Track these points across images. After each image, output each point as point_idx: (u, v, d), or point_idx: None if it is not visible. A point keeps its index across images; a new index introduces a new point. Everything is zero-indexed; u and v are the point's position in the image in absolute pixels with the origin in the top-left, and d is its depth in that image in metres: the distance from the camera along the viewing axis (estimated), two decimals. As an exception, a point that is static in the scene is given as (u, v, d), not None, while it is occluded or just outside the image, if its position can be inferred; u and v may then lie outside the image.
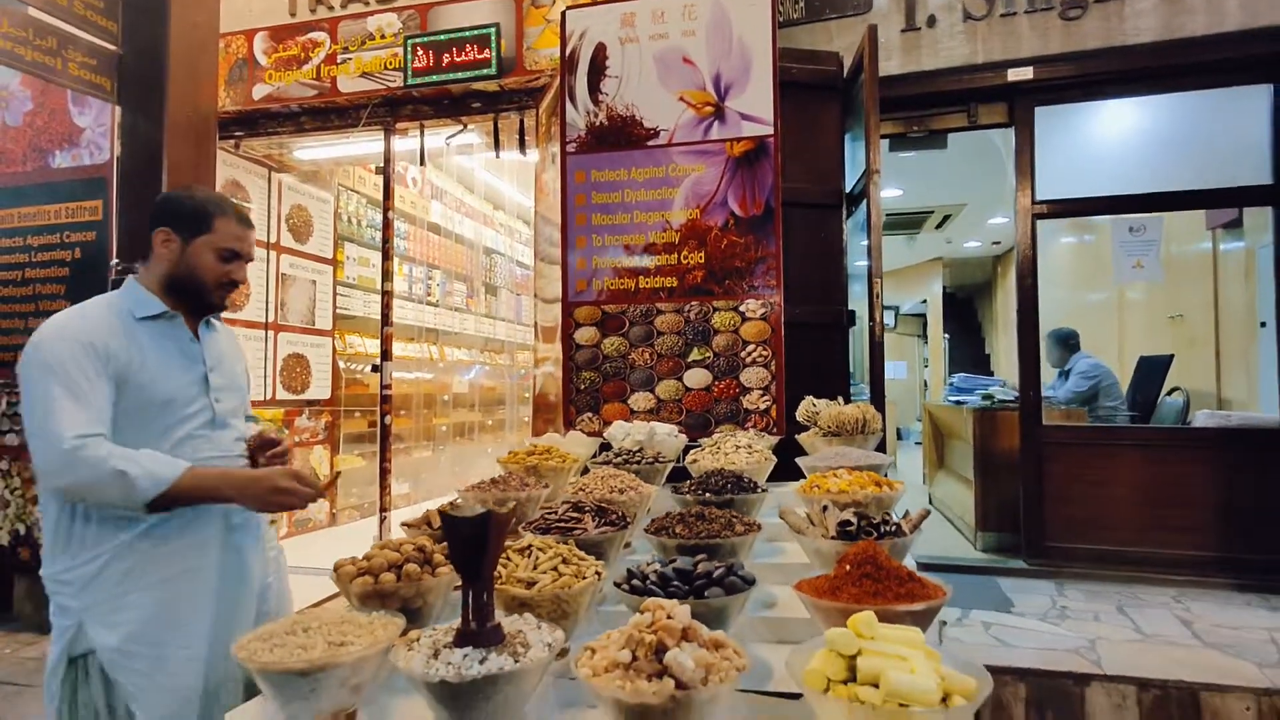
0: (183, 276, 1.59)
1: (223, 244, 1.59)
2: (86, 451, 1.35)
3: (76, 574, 1.47)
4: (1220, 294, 4.89)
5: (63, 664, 1.47)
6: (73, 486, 1.38)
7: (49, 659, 1.50)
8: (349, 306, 5.73)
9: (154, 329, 1.56)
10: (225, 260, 1.61)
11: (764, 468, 2.08)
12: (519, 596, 1.31)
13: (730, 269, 2.70)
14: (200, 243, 1.58)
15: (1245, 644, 2.71)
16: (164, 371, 1.55)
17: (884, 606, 1.17)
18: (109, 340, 1.48)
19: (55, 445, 1.35)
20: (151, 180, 2.85)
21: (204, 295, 1.61)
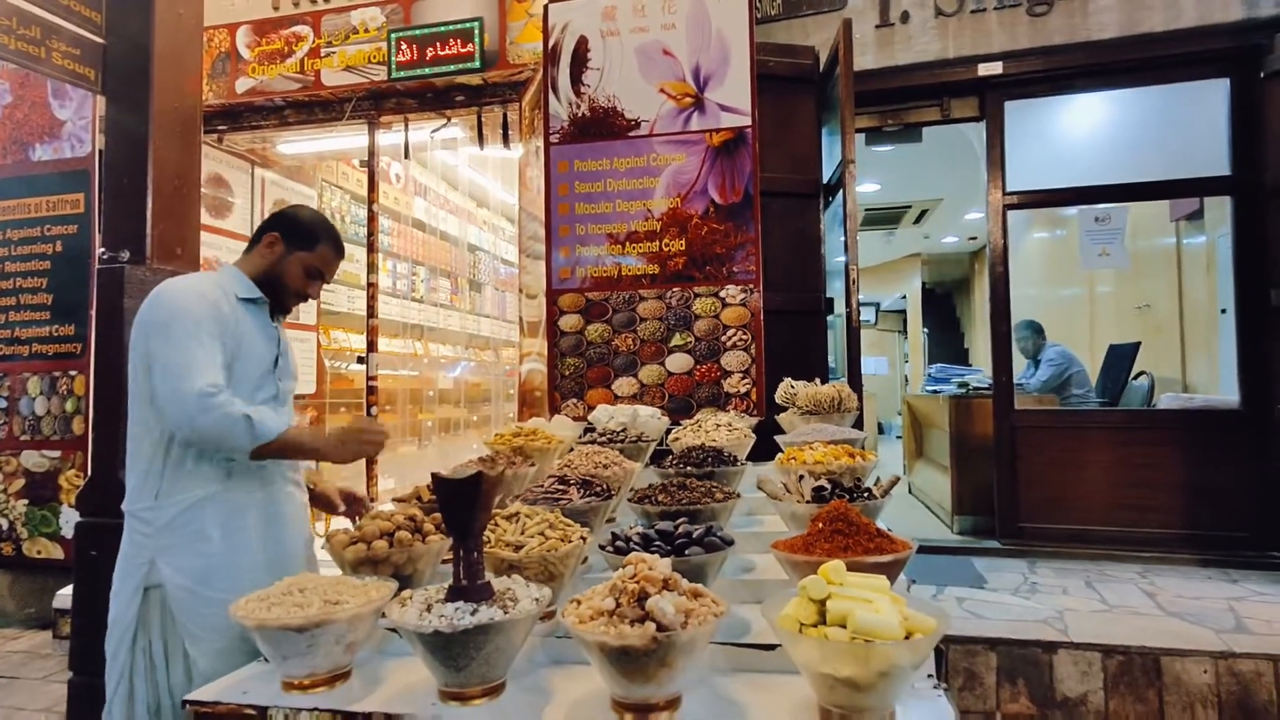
0: (274, 277, 1.81)
1: (314, 263, 1.83)
2: (218, 398, 1.55)
3: (159, 515, 1.64)
4: (1184, 284, 5.05)
5: (138, 596, 1.62)
6: (202, 429, 1.54)
7: (117, 595, 1.66)
8: (333, 302, 5.73)
9: (250, 309, 1.78)
10: (310, 277, 1.84)
11: (744, 444, 2.15)
12: (507, 559, 1.37)
13: (711, 255, 2.78)
14: (298, 255, 1.81)
15: (1205, 613, 2.83)
16: (253, 346, 1.75)
17: (854, 559, 1.25)
18: (224, 308, 1.70)
19: (189, 393, 1.54)
20: (136, 172, 2.86)
21: (282, 298, 1.84)
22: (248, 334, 1.74)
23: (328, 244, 1.85)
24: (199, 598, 1.62)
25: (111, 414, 2.66)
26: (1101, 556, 3.62)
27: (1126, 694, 2.48)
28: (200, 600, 1.62)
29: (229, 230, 4.71)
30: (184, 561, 1.63)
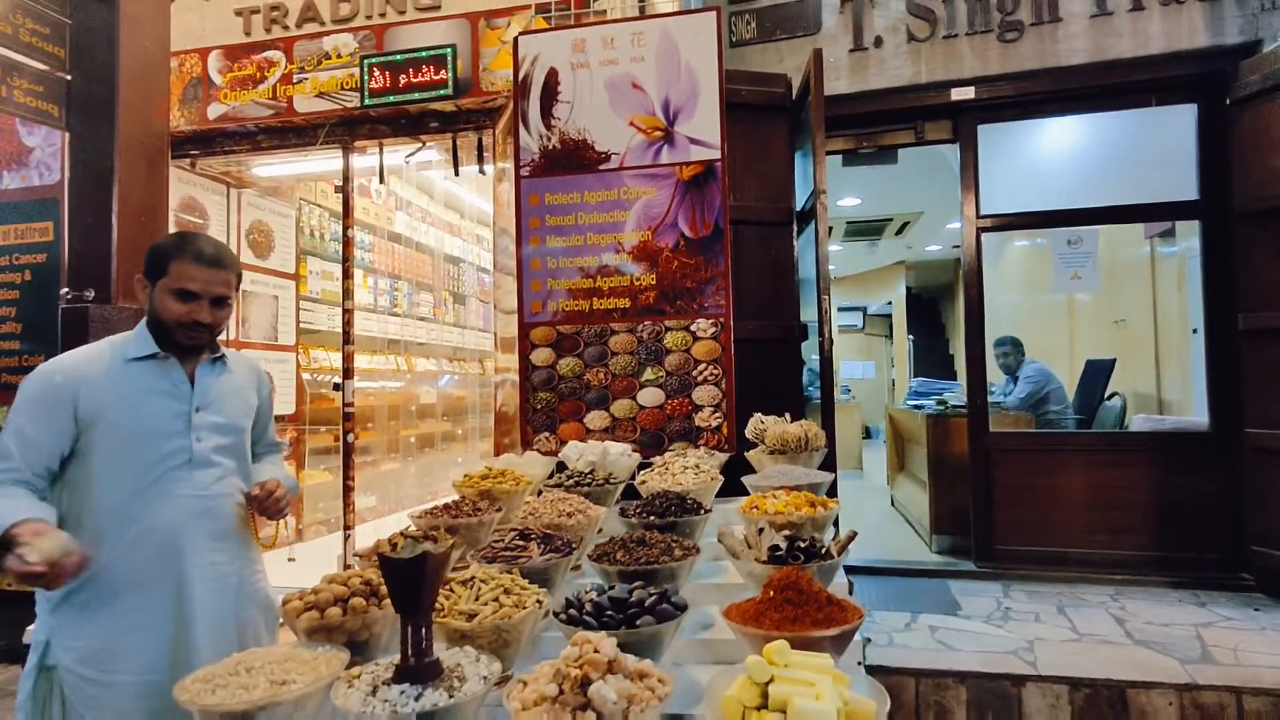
0: (154, 319, 1.68)
1: (176, 285, 1.64)
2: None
3: (48, 596, 1.58)
4: (1158, 299, 5.11)
5: (34, 673, 1.57)
6: None
7: (25, 675, 1.60)
8: (313, 320, 5.70)
9: (144, 369, 1.67)
10: (183, 299, 1.64)
11: (710, 488, 2.15)
12: (460, 629, 1.36)
13: (681, 289, 2.78)
14: (160, 285, 1.65)
15: (1172, 641, 2.86)
16: (141, 409, 1.64)
17: (801, 633, 1.25)
18: (82, 381, 1.60)
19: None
20: (103, 202, 2.83)
21: (170, 335, 1.67)
22: (132, 398, 1.63)
23: (180, 259, 1.63)
24: (87, 680, 1.54)
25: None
26: (1076, 579, 3.65)
27: (1093, 727, 2.51)
28: (89, 683, 1.54)
29: (204, 253, 4.66)
30: (73, 641, 1.55)
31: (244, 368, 1.89)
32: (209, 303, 1.67)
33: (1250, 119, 3.43)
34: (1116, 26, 3.55)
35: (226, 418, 1.77)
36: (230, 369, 1.83)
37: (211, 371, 1.77)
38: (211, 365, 1.78)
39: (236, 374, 1.84)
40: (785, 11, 3.82)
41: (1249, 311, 3.48)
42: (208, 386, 1.75)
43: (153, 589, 1.62)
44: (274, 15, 3.92)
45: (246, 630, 1.79)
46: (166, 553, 1.63)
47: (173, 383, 1.69)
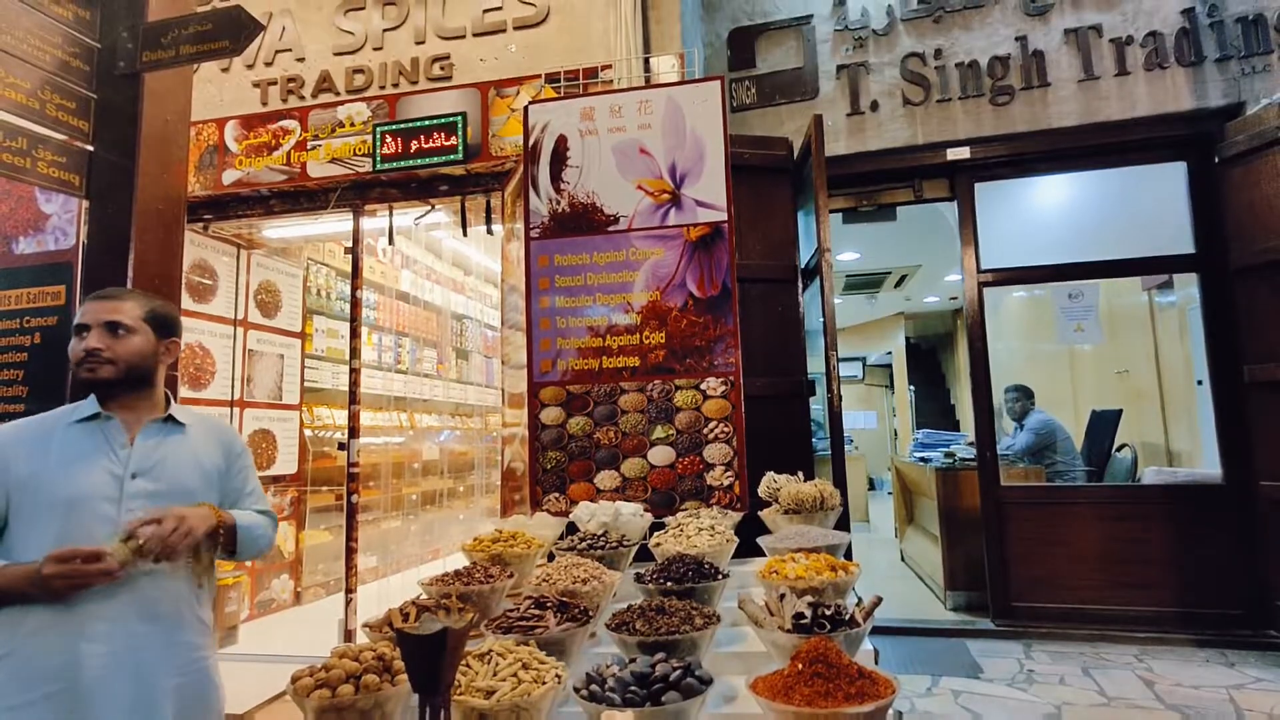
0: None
1: (74, 323, 1.63)
2: None
3: None
4: (1160, 350, 5.14)
5: None
6: None
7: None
8: (317, 379, 5.70)
9: (83, 431, 1.58)
10: (78, 335, 1.60)
11: (726, 550, 2.12)
12: (478, 708, 1.32)
13: (690, 348, 2.79)
14: None
15: (1205, 705, 2.77)
16: (70, 474, 1.53)
17: (834, 710, 1.21)
18: (21, 443, 1.55)
19: None
20: (118, 267, 2.87)
21: (85, 384, 1.60)
22: (61, 462, 1.54)
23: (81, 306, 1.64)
24: None
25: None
26: (1097, 637, 3.55)
27: (1130, 800, 2.40)
28: None
29: (211, 314, 4.71)
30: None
31: (205, 430, 1.73)
32: (101, 328, 1.58)
33: (1239, 176, 3.53)
34: (1103, 90, 3.69)
35: (170, 484, 1.60)
36: (186, 432, 1.67)
37: (157, 433, 1.62)
38: (159, 426, 1.63)
39: (193, 437, 1.68)
40: (784, 78, 3.97)
41: (1255, 364, 3.50)
42: (150, 450, 1.60)
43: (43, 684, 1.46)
44: (290, 86, 4.06)
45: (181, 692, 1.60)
46: (66, 633, 1.48)
47: (110, 445, 1.57)
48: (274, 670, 3.52)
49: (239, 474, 1.77)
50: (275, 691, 3.31)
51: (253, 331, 5.01)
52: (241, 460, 1.79)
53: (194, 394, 4.50)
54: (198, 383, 4.56)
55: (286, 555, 5.28)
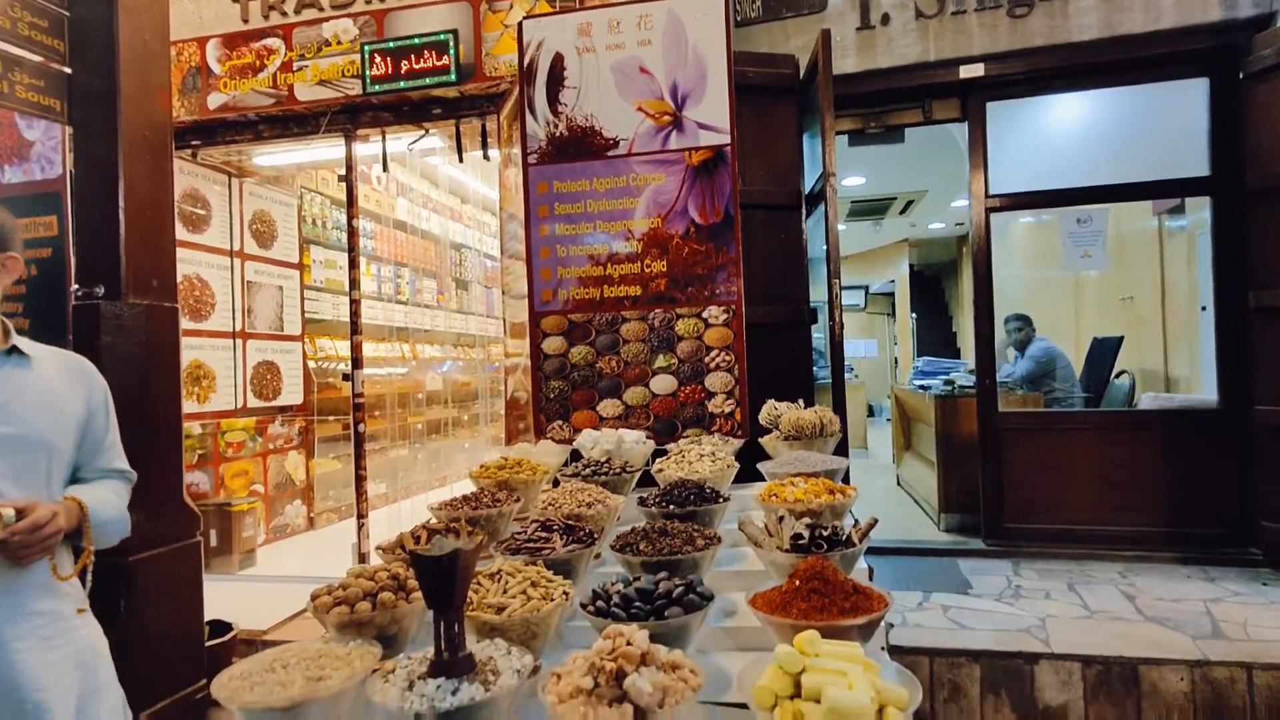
0: None
1: None
2: None
3: None
4: (1166, 275, 5.09)
5: None
6: None
7: None
8: (318, 310, 5.69)
9: None
10: None
11: (727, 475, 2.17)
12: (490, 622, 1.38)
13: (692, 276, 2.77)
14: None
15: (1183, 617, 2.90)
16: None
17: (829, 622, 1.27)
18: None
19: None
20: (107, 204, 2.82)
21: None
22: None
23: None
24: None
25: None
26: (1084, 556, 3.68)
27: (1105, 702, 2.54)
28: None
29: (206, 244, 4.65)
30: None
31: (61, 367, 1.51)
32: None
33: (1264, 93, 3.39)
34: (1127, 2, 3.50)
35: (18, 429, 1.38)
36: (34, 368, 1.45)
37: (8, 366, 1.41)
38: (8, 358, 1.41)
39: (46, 376, 1.46)
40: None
41: (1260, 289, 3.47)
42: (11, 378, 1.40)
43: None
44: (272, 2, 3.86)
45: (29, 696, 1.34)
46: None
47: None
48: (293, 590, 3.68)
49: (102, 422, 1.55)
50: (295, 610, 3.47)
51: (250, 262, 4.96)
52: (105, 405, 1.57)
53: (195, 325, 4.50)
54: (198, 315, 4.56)
55: (298, 483, 5.42)
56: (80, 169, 2.82)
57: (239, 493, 4.82)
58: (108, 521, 1.49)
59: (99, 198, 2.77)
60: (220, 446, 4.79)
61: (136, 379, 2.75)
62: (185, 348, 3.68)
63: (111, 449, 1.57)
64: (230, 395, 4.74)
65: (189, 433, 4.45)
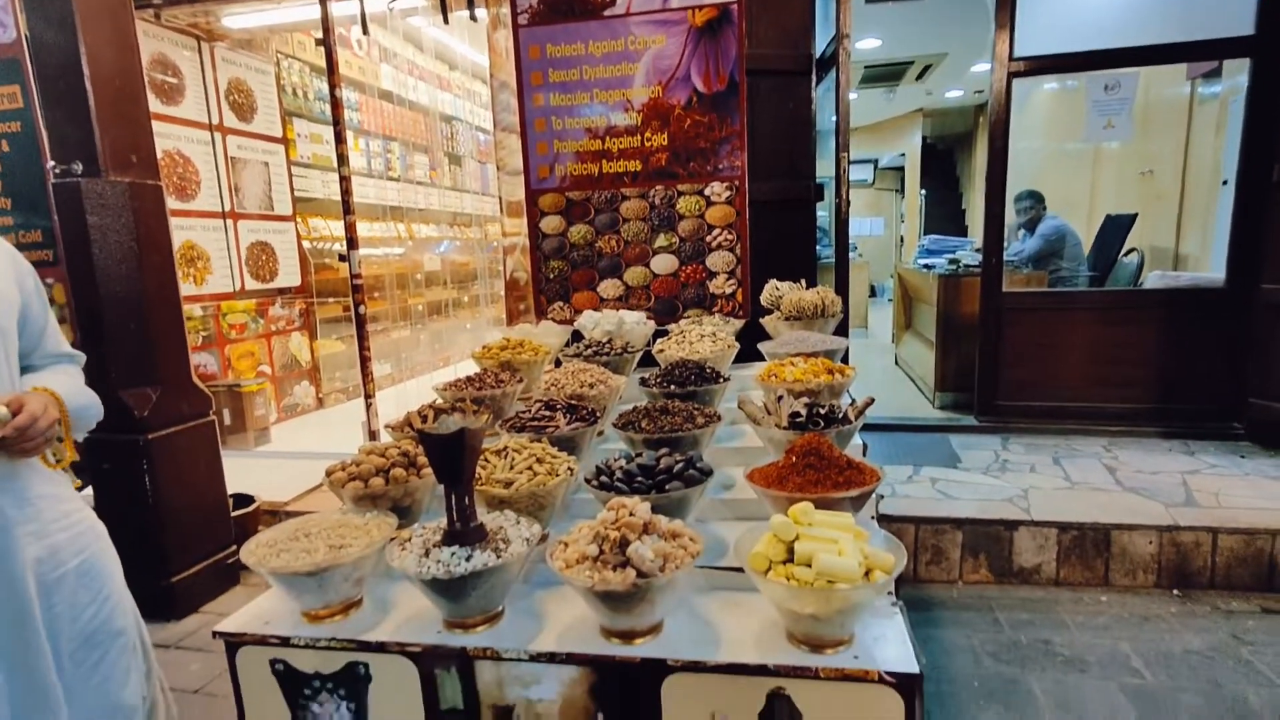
0: None
1: None
2: None
3: None
4: (1191, 148, 4.86)
5: None
6: None
7: None
8: (307, 188, 5.50)
9: None
10: None
11: (728, 355, 2.18)
12: (499, 496, 1.44)
13: (694, 150, 2.64)
14: None
15: (1159, 487, 3.03)
16: None
17: (823, 495, 1.32)
18: None
19: None
20: (71, 74, 2.64)
21: None
22: None
23: None
24: None
25: (95, 333, 2.65)
26: (1072, 431, 3.80)
27: (1076, 563, 2.73)
28: None
29: (183, 118, 4.41)
30: None
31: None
32: None
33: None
34: None
35: None
36: None
37: None
38: None
39: None
40: None
41: (1287, 160, 3.32)
42: None
43: None
44: None
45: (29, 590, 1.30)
46: None
47: None
48: (308, 465, 3.84)
49: (38, 305, 1.44)
50: (312, 484, 3.64)
51: (231, 137, 4.74)
52: (37, 288, 1.45)
53: (182, 205, 4.37)
54: (184, 194, 4.41)
55: (304, 364, 5.50)
56: (35, 33, 2.61)
57: (247, 374, 4.91)
58: (82, 407, 1.44)
59: (61, 66, 2.59)
60: (223, 329, 4.82)
61: (130, 259, 2.71)
62: (175, 229, 3.59)
63: (54, 334, 1.48)
64: (227, 277, 4.70)
65: (190, 315, 4.45)
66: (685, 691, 1.19)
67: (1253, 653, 2.28)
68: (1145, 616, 2.52)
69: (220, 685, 2.37)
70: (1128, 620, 2.50)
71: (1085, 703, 2.08)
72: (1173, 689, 2.12)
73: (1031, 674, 2.22)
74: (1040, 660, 2.29)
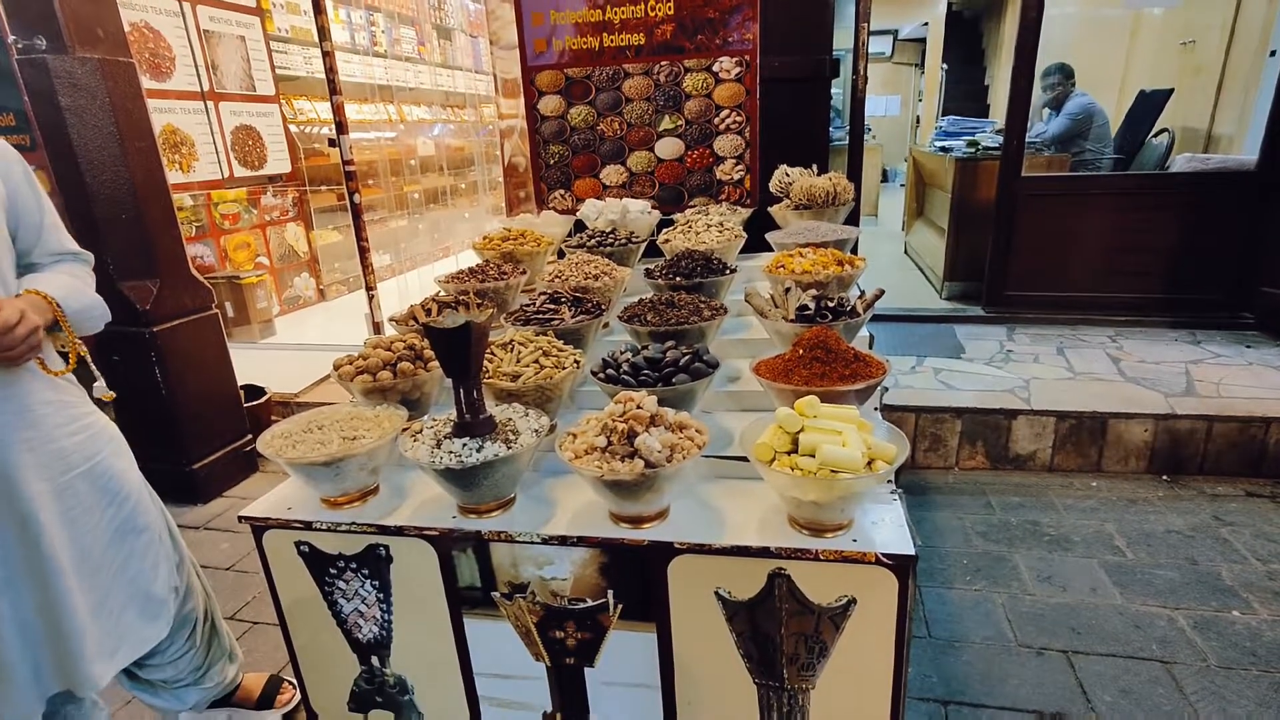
0: None
1: None
2: None
3: None
4: (1240, 13, 4.48)
5: None
6: None
7: None
8: (289, 65, 5.17)
9: None
10: None
11: (735, 246, 2.13)
12: (506, 389, 1.45)
13: (702, 20, 2.44)
14: None
15: (1160, 376, 3.05)
16: None
17: (829, 388, 1.32)
18: None
19: None
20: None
21: None
22: None
23: None
24: None
25: (87, 224, 2.59)
26: (1079, 321, 3.77)
27: (1071, 451, 2.79)
28: None
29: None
30: None
31: None
32: None
33: None
34: None
35: None
36: None
37: None
38: None
39: None
40: None
41: (1344, 29, 3.07)
42: None
43: None
44: None
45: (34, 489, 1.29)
46: None
47: None
48: (315, 357, 3.87)
49: (31, 199, 1.36)
50: (318, 376, 3.68)
51: (202, 7, 4.39)
52: (28, 180, 1.36)
53: (158, 85, 4.13)
54: (159, 72, 4.15)
55: (302, 255, 5.42)
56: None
57: (245, 266, 4.84)
58: (82, 309, 1.37)
59: (5, -79, 2.34)
60: (216, 218, 4.70)
61: (111, 144, 2.59)
62: (153, 111, 3.41)
63: (54, 229, 1.41)
64: (214, 164, 4.52)
65: (180, 204, 4.33)
66: (690, 571, 1.25)
67: (1231, 532, 2.39)
68: (1132, 500, 2.62)
69: (250, 563, 2.52)
70: (1115, 503, 2.60)
71: (1067, 577, 2.20)
72: (1150, 565, 2.24)
73: (1018, 552, 2.34)
74: (1027, 540, 2.40)
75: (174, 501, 2.83)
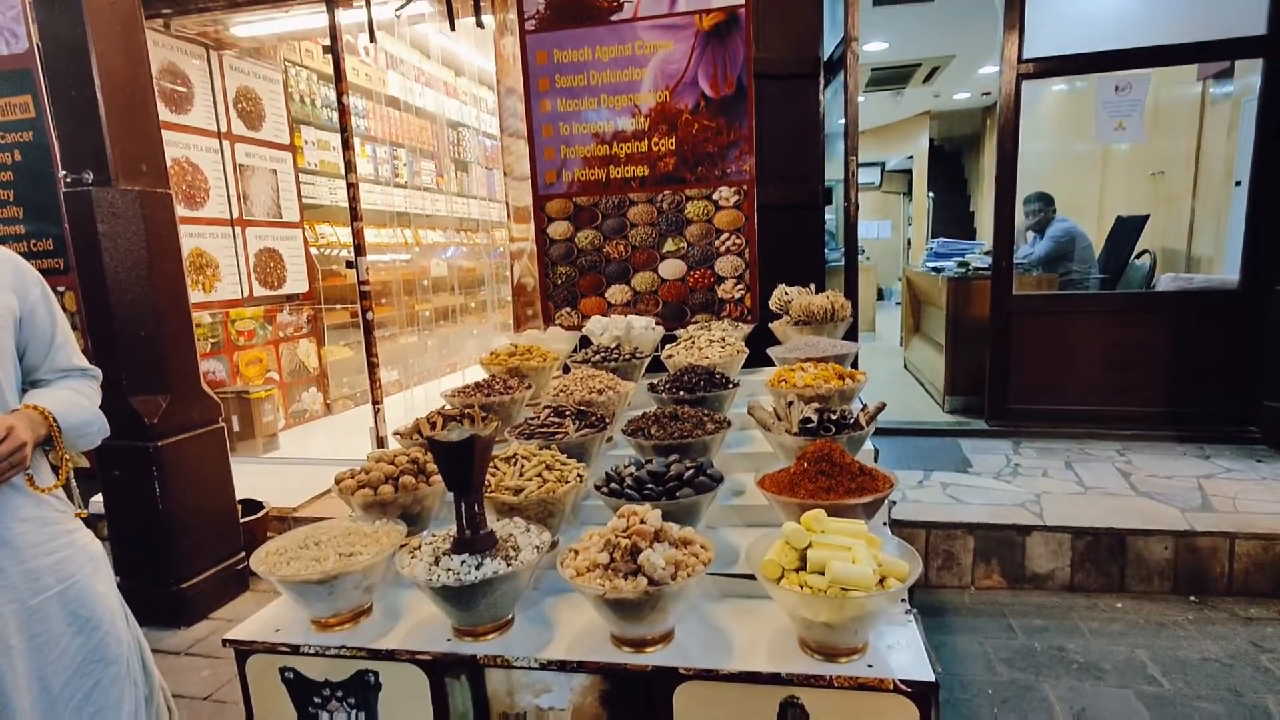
0: None
1: None
2: None
3: None
4: (1203, 148, 4.82)
5: None
6: None
7: None
8: (315, 195, 5.53)
9: None
10: None
11: (737, 361, 2.17)
12: (508, 503, 1.43)
13: (702, 155, 2.64)
14: None
15: (1174, 491, 3.00)
16: None
17: (835, 501, 1.31)
18: None
19: None
20: (82, 73, 2.66)
21: None
22: None
23: None
24: None
25: (106, 340, 2.67)
26: (1084, 436, 3.75)
27: (1091, 569, 2.69)
28: None
29: (192, 126, 4.45)
30: None
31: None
32: None
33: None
34: None
35: None
36: None
37: None
38: None
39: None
40: None
41: (1301, 159, 3.29)
42: None
43: None
44: None
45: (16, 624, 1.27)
46: None
47: None
48: (317, 471, 3.84)
49: (45, 317, 1.37)
50: (320, 489, 3.64)
51: (240, 145, 4.77)
52: (45, 298, 1.37)
53: (191, 213, 4.40)
54: (193, 201, 4.44)
55: (312, 370, 5.52)
56: (47, 44, 2.64)
57: (255, 380, 4.93)
58: (80, 424, 1.36)
59: (72, 74, 2.61)
60: (232, 335, 4.84)
61: (140, 267, 2.72)
62: (184, 236, 3.61)
63: (65, 346, 1.41)
64: (235, 284, 4.72)
65: (199, 322, 4.47)
66: (697, 700, 1.17)
67: (1272, 660, 2.25)
68: (1161, 623, 2.48)
69: (230, 692, 2.37)
70: (1144, 627, 2.46)
71: (1102, 710, 2.05)
72: (1191, 697, 2.09)
73: (1046, 681, 2.19)
74: (1055, 667, 2.26)
75: (157, 624, 2.71)
